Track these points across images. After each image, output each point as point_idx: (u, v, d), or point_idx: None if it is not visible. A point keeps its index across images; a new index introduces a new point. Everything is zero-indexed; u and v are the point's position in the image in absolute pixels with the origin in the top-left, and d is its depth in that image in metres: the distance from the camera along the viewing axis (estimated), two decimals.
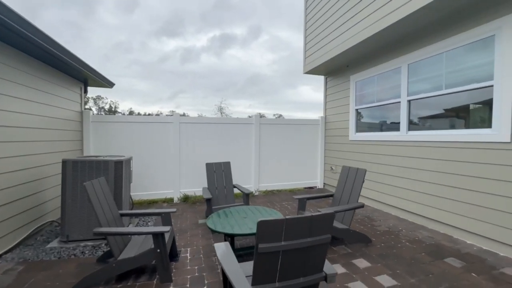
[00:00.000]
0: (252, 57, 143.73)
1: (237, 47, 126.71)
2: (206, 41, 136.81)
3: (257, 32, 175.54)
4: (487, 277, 2.31)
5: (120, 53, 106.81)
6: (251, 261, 2.05)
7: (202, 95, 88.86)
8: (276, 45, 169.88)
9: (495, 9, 2.79)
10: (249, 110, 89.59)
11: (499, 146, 2.76)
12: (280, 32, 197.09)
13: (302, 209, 3.43)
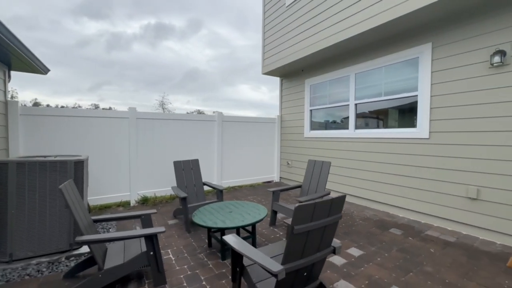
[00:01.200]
0: (191, 52, 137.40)
1: (174, 39, 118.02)
2: (139, 29, 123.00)
3: (197, 26, 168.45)
4: (418, 238, 3.10)
5: (20, 29, 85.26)
6: (263, 247, 2.20)
7: (133, 88, 79.21)
8: (215, 41, 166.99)
9: (418, 38, 3.68)
10: (187, 107, 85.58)
11: (421, 141, 3.67)
12: (220, 29, 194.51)
13: (276, 201, 3.72)
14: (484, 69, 3.04)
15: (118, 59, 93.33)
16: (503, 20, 2.90)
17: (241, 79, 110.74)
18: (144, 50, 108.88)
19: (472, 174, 3.14)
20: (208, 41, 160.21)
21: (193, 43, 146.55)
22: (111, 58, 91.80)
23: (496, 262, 2.51)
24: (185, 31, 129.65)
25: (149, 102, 74.31)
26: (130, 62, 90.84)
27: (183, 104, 78.61)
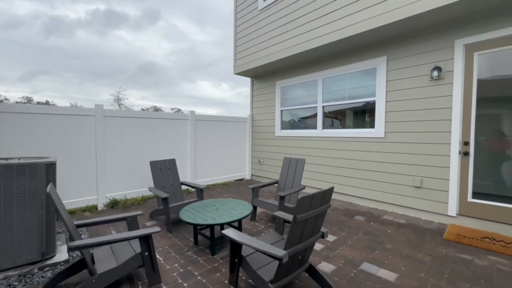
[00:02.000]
0: (147, 44, 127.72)
1: (127, 29, 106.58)
2: (85, 14, 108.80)
3: (153, 16, 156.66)
4: (378, 222, 3.65)
5: None
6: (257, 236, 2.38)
7: (76, 80, 69.67)
8: (174, 34, 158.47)
9: (376, 51, 4.27)
10: (142, 102, 79.50)
11: (378, 140, 4.28)
12: (179, 22, 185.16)
13: (256, 196, 3.93)
14: (426, 81, 3.71)
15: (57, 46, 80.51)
16: (439, 43, 3.59)
17: (201, 76, 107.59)
18: (90, 39, 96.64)
19: (417, 167, 3.83)
20: (166, 34, 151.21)
21: (149, 35, 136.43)
22: (48, 44, 78.69)
23: (435, 237, 3.15)
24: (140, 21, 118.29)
25: (96, 96, 66.65)
26: (73, 50, 79.47)
27: (138, 99, 72.23)
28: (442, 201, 3.60)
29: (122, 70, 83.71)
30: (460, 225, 3.43)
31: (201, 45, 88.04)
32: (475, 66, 3.33)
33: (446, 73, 3.53)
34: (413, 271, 2.40)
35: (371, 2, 3.76)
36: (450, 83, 3.50)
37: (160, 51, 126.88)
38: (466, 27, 3.36)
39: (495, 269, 2.42)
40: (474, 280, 2.25)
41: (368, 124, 4.50)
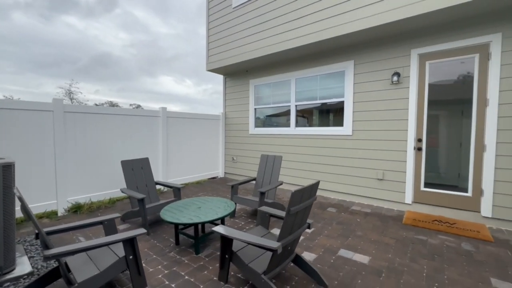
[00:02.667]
0: (102, 33, 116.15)
1: (78, 15, 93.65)
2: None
3: (109, 3, 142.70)
4: (348, 213, 3.99)
5: None
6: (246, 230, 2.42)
7: (13, 69, 59.81)
8: (132, 25, 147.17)
9: (345, 55, 4.63)
10: (95, 97, 72.39)
11: (346, 138, 4.66)
12: (138, 12, 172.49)
13: (235, 194, 3.97)
14: (387, 84, 4.16)
15: None
16: (398, 51, 4.05)
17: (163, 70, 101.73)
18: (31, 23, 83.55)
19: (380, 161, 4.27)
20: (124, 24, 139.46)
21: (104, 24, 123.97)
22: None
23: (396, 222, 3.58)
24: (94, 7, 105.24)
25: (38, 88, 58.43)
26: (8, 35, 67.93)
27: (90, 93, 64.62)
28: (400, 191, 4.09)
29: (71, 60, 74.19)
30: (415, 211, 3.95)
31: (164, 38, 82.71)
32: (427, 73, 3.85)
33: (404, 78, 4.00)
34: (382, 253, 2.71)
35: (340, 10, 4.06)
36: (407, 87, 3.98)
37: (117, 42, 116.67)
38: (420, 39, 3.86)
39: (445, 245, 2.86)
40: (430, 256, 2.64)
41: (338, 123, 4.86)
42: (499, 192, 3.32)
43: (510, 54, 3.23)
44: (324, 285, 2.13)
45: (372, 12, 3.75)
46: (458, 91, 3.66)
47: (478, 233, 3.14)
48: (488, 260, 2.54)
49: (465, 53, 3.55)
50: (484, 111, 3.42)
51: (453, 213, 3.68)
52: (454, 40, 3.59)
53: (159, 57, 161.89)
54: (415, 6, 3.38)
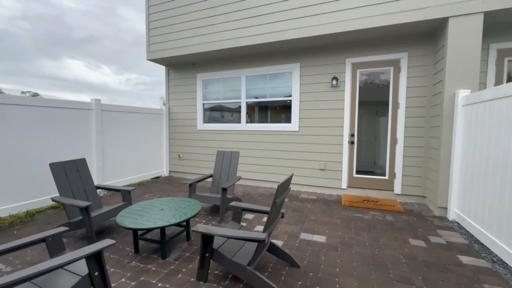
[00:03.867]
0: None
1: None
2: None
3: None
4: (299, 201, 4.45)
5: None
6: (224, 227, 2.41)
7: None
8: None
9: (293, 57, 5.04)
10: None
11: (294, 133, 5.13)
12: None
13: (193, 192, 3.84)
14: (328, 87, 4.79)
15: None
16: (336, 58, 4.70)
17: (70, 53, 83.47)
18: None
19: (322, 154, 4.91)
20: None
21: None
22: None
23: (338, 205, 4.22)
24: None
25: None
26: None
27: None
28: (338, 178, 4.82)
29: None
30: (350, 194, 4.74)
31: (72, 14, 66.36)
32: (358, 79, 4.63)
33: (340, 82, 4.69)
34: (333, 231, 3.19)
35: (286, 17, 4.41)
36: (343, 90, 4.68)
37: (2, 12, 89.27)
38: (352, 50, 4.59)
39: (375, 219, 3.59)
40: (367, 228, 3.27)
41: (286, 120, 5.28)
42: (406, 174, 4.36)
43: (413, 69, 4.24)
44: (297, 266, 2.38)
45: (315, 23, 4.22)
46: (379, 95, 4.56)
47: (393, 207, 4.05)
48: (404, 226, 3.35)
49: (384, 66, 4.44)
50: (397, 112, 4.40)
51: (376, 193, 4.60)
52: (377, 54, 4.44)
53: (65, 36, 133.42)
54: (348, 23, 4.01)
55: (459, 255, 2.59)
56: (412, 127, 4.29)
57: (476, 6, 3.35)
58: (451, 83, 3.52)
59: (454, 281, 2.16)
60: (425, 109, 4.20)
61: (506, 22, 3.65)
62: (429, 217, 3.67)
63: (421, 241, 2.91)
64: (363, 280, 2.19)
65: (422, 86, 4.20)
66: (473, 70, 3.42)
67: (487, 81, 3.87)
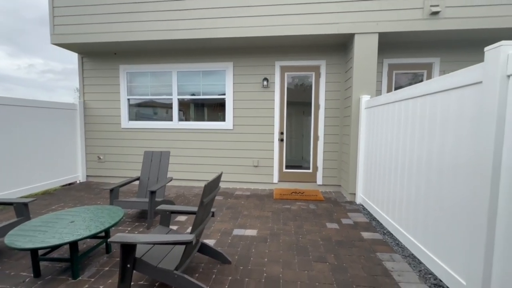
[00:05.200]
0: None
1: None
2: None
3: None
4: (233, 198, 4.54)
5: None
6: (150, 233, 2.25)
7: None
8: None
9: (226, 56, 5.05)
10: None
11: (228, 132, 5.17)
12: None
13: (116, 198, 3.44)
14: (259, 87, 5.01)
15: None
16: (267, 60, 4.97)
17: None
18: None
19: (255, 151, 5.12)
20: None
21: None
22: None
23: (269, 199, 4.50)
24: None
25: None
26: None
27: None
28: (270, 174, 5.13)
29: None
30: (280, 188, 5.11)
31: None
32: (286, 81, 5.01)
33: (271, 83, 4.98)
34: (264, 224, 3.39)
35: (218, 14, 4.41)
36: (273, 91, 4.99)
37: None
38: (281, 53, 4.93)
39: (301, 209, 3.99)
40: (294, 218, 3.60)
41: (220, 118, 5.27)
42: (325, 167, 4.99)
43: (330, 75, 4.86)
44: (228, 262, 2.44)
45: (243, 24, 4.36)
46: (305, 97, 5.06)
47: (316, 196, 4.59)
48: (323, 212, 3.84)
49: (307, 70, 4.95)
50: (318, 112, 4.97)
51: (302, 185, 5.11)
52: (301, 59, 4.90)
53: None
54: (272, 28, 4.30)
55: (362, 232, 3.14)
56: (330, 125, 4.93)
57: (373, 27, 4.09)
58: (357, 89, 4.21)
59: (357, 254, 2.62)
60: (339, 110, 4.88)
61: (395, 42, 4.58)
62: (342, 202, 4.31)
63: (335, 224, 3.40)
64: (288, 265, 2.42)
65: (337, 90, 4.87)
66: (372, 79, 4.18)
67: (382, 89, 4.78)
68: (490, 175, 1.54)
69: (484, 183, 1.58)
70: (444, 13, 3.94)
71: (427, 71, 4.71)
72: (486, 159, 1.57)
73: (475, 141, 1.71)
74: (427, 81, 2.33)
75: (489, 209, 1.55)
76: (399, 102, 2.85)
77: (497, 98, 1.51)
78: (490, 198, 1.54)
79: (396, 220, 2.90)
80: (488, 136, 1.56)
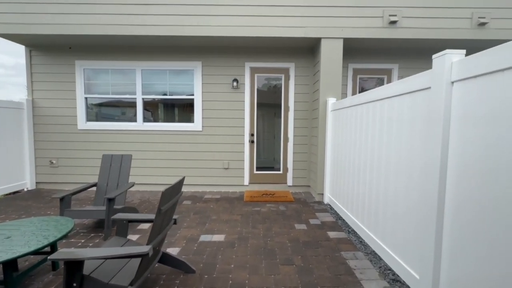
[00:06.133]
0: None
1: None
2: None
3: None
4: (202, 202, 4.38)
5: None
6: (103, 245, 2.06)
7: None
8: None
9: (194, 55, 4.88)
10: None
11: (197, 133, 5.00)
12: None
13: (67, 207, 3.11)
14: (229, 88, 4.93)
15: None
16: (236, 61, 4.90)
17: None
18: None
19: (226, 153, 5.02)
20: None
21: None
22: None
23: (240, 201, 4.43)
24: None
25: None
26: None
27: None
28: (241, 176, 5.06)
29: None
30: (251, 190, 5.07)
31: None
32: (256, 82, 4.99)
33: (240, 85, 4.92)
34: (233, 228, 3.31)
35: (185, 11, 4.25)
36: (243, 92, 4.94)
37: None
38: (250, 54, 4.90)
39: (270, 211, 3.98)
40: (263, 220, 3.57)
41: (189, 119, 5.08)
42: (295, 168, 5.06)
43: (299, 78, 4.95)
44: (192, 271, 2.31)
45: (215, 23, 4.25)
46: (276, 98, 5.08)
47: (286, 197, 4.62)
48: (292, 214, 3.87)
49: (277, 72, 4.98)
50: (288, 114, 5.02)
51: (273, 187, 5.12)
52: (271, 61, 4.91)
53: None
54: (241, 29, 4.26)
55: (328, 232, 3.21)
56: (299, 127, 5.02)
57: (338, 32, 4.24)
58: (324, 92, 4.33)
59: (323, 254, 2.66)
60: (308, 112, 4.99)
61: (359, 48, 4.81)
62: (311, 202, 4.40)
63: (303, 225, 3.43)
64: (254, 270, 2.36)
65: (305, 93, 4.97)
66: (337, 83, 4.33)
67: (347, 92, 4.99)
68: (438, 175, 1.64)
69: (432, 182, 1.68)
70: (401, 23, 4.22)
71: (387, 76, 5.02)
72: (434, 160, 1.67)
73: (425, 143, 1.81)
74: (385, 86, 2.45)
75: (438, 207, 1.65)
76: (361, 105, 2.96)
77: (443, 103, 1.61)
78: (438, 196, 1.64)
79: (359, 218, 3.01)
80: (436, 138, 1.66)
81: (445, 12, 4.17)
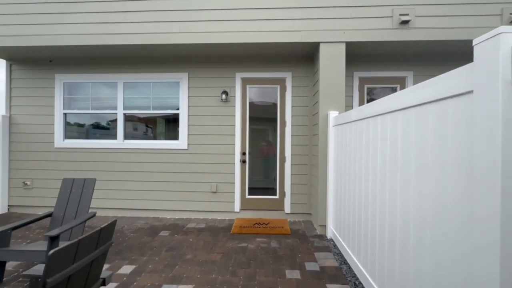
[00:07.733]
0: None
1: None
2: None
3: None
4: (182, 233, 3.73)
5: None
6: None
7: None
8: None
9: (180, 66, 4.44)
10: None
11: (182, 152, 4.45)
12: None
13: (5, 245, 2.55)
14: (218, 101, 4.40)
15: None
16: (226, 72, 4.40)
17: None
18: None
19: (214, 174, 4.41)
20: None
21: None
22: None
23: (226, 233, 3.74)
24: None
25: None
26: None
27: None
28: (231, 201, 4.40)
29: None
30: (242, 217, 4.37)
31: None
32: (248, 94, 4.44)
33: (231, 97, 4.39)
34: (206, 275, 2.62)
35: (170, 18, 3.84)
36: (234, 106, 4.39)
37: None
38: (242, 64, 4.39)
39: (259, 248, 3.26)
40: (248, 263, 2.86)
41: (173, 136, 4.56)
42: (294, 192, 4.35)
43: (296, 89, 4.36)
44: None
45: (198, 29, 3.80)
46: (271, 112, 4.49)
47: (282, 228, 3.89)
48: (286, 253, 3.13)
49: (271, 83, 4.42)
50: (284, 130, 4.40)
51: (268, 214, 4.40)
52: (265, 71, 4.38)
53: None
54: (230, 35, 3.78)
55: (328, 284, 2.45)
56: (297, 145, 4.36)
57: (339, 36, 3.66)
58: (324, 104, 3.69)
59: None
60: (308, 128, 4.34)
61: (365, 54, 4.19)
62: (311, 237, 3.64)
63: (297, 271, 2.69)
64: None
65: (304, 106, 4.35)
66: (340, 93, 3.69)
67: (353, 104, 4.32)
68: (498, 235, 0.93)
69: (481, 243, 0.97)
70: (414, 22, 3.59)
71: (400, 85, 4.33)
72: (486, 217, 0.97)
73: (467, 186, 1.12)
74: (409, 88, 1.79)
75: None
76: (373, 118, 2.30)
77: (500, 116, 0.93)
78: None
79: (369, 270, 2.25)
80: (491, 178, 0.97)
81: (472, 9, 3.51)
